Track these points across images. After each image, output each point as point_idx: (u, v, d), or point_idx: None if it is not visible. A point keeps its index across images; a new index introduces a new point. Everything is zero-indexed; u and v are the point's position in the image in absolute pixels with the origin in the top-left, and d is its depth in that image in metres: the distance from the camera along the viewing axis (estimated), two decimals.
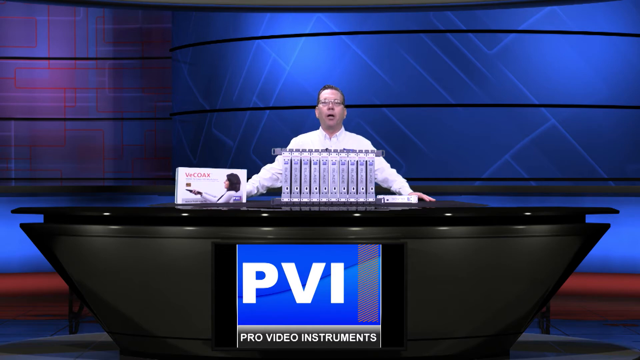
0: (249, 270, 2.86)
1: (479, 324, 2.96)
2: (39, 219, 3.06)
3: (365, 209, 3.07)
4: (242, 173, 3.41)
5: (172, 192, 3.38)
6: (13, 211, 3.08)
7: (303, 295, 2.85)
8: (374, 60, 6.77)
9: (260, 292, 2.86)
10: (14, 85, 8.43)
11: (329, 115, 3.82)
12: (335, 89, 3.89)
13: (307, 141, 3.92)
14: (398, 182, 3.87)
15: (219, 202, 3.34)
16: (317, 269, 2.86)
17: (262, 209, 2.98)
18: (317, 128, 3.97)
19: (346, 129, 3.96)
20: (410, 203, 3.42)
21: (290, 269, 2.86)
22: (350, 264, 2.87)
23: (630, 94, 6.69)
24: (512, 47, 6.66)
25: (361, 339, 2.84)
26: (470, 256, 2.92)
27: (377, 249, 2.87)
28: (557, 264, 3.02)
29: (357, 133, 4.00)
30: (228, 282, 2.86)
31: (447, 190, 6.05)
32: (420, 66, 6.69)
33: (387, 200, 3.42)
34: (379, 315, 2.86)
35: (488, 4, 6.17)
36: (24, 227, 3.04)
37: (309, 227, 2.92)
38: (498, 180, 6.63)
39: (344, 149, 3.43)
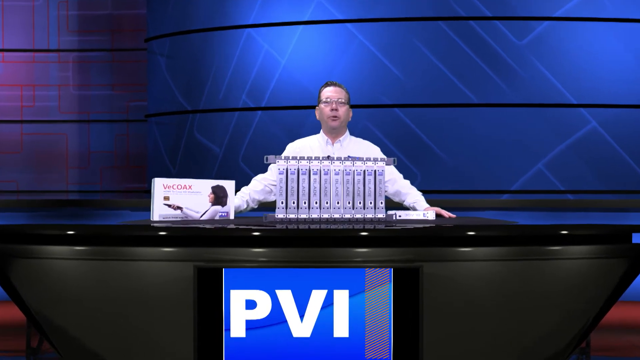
0: (237, 298, 2.87)
1: None
2: None
3: (374, 226, 3.08)
4: (229, 185, 3.43)
5: (147, 207, 3.39)
6: None
7: (301, 328, 2.86)
8: (384, 52, 6.80)
9: (250, 325, 2.86)
10: None
11: (332, 116, 3.84)
12: (339, 86, 3.92)
13: (306, 147, 3.94)
14: (412, 195, 3.89)
15: (202, 218, 3.35)
16: (317, 297, 2.87)
17: (252, 227, 2.99)
18: (318, 132, 3.99)
19: (351, 133, 3.99)
20: (427, 220, 3.43)
21: (286, 297, 2.87)
22: (357, 292, 2.88)
23: None
24: (545, 37, 6.69)
25: None
26: (496, 282, 2.93)
27: (387, 273, 2.88)
28: (598, 291, 3.03)
29: (365, 138, 4.03)
30: (213, 312, 2.86)
31: (469, 205, 6.07)
32: (439, 59, 6.72)
33: (400, 216, 3.44)
34: (390, 352, 2.86)
35: None
36: None
37: (307, 248, 2.92)
38: (529, 193, 6.65)
39: (349, 156, 3.45)
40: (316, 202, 3.29)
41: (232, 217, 3.44)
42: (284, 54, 7.00)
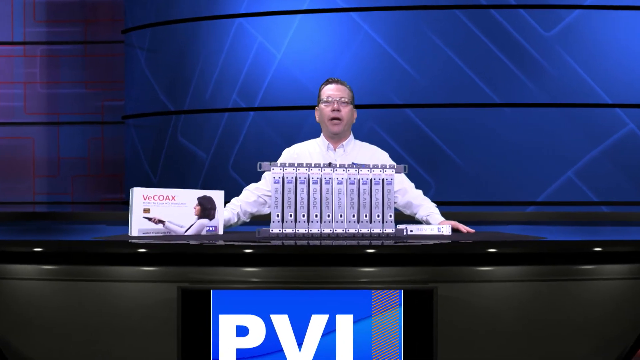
0: (227, 324, 2.87)
1: None
2: None
3: (382, 243, 3.09)
4: (217, 195, 3.44)
5: (125, 221, 3.40)
6: None
7: (299, 357, 2.86)
8: (393, 45, 6.82)
9: (242, 354, 2.86)
10: None
11: (334, 118, 3.86)
12: (342, 83, 3.93)
13: (305, 153, 3.95)
14: (425, 207, 3.90)
15: (187, 233, 3.36)
16: (317, 322, 2.87)
17: (244, 243, 3.00)
18: (318, 135, 4.00)
19: (356, 137, 4.00)
20: (442, 235, 3.44)
21: (281, 322, 2.87)
22: (362, 316, 2.88)
23: None
24: (576, 28, 6.70)
25: None
26: (520, 306, 2.93)
27: (397, 296, 2.88)
28: (637, 316, 3.03)
29: (371, 142, 4.04)
30: (199, 339, 2.87)
31: (490, 218, 6.07)
32: (455, 53, 6.74)
33: (411, 231, 3.44)
34: None
35: None
36: None
37: (306, 268, 2.93)
38: (558, 205, 6.65)
39: (353, 163, 3.45)
40: (316, 215, 3.29)
41: (220, 231, 3.44)
42: (280, 47, 7.02)
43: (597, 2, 6.67)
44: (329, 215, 3.30)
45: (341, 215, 3.31)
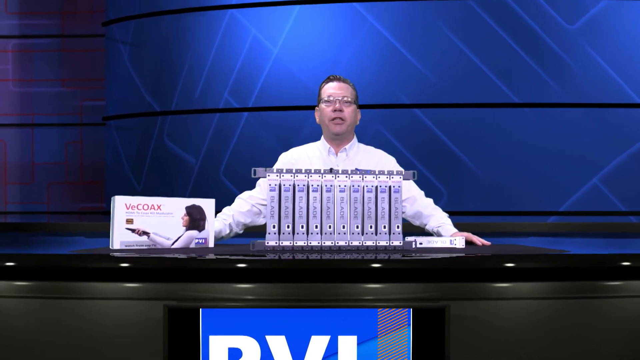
0: (218, 346, 2.87)
1: None
2: None
3: (389, 257, 3.09)
4: (208, 204, 3.44)
5: (106, 233, 3.40)
6: None
7: None
8: (401, 39, 6.83)
9: None
10: None
11: (336, 119, 3.87)
12: (345, 81, 3.94)
13: (304, 158, 3.96)
14: (436, 217, 3.90)
15: (174, 246, 3.37)
16: (318, 344, 2.87)
17: (237, 257, 3.00)
18: (318, 138, 4.01)
19: (360, 140, 4.01)
20: (454, 248, 3.44)
21: (278, 344, 2.87)
22: (367, 338, 2.88)
23: None
24: (603, 21, 6.71)
25: None
26: (541, 326, 2.93)
27: (406, 315, 2.88)
28: None
29: (377, 146, 4.05)
30: None
31: (507, 230, 6.08)
32: (469, 48, 6.75)
33: (421, 244, 3.45)
34: None
35: None
36: None
37: (305, 284, 2.93)
38: (582, 215, 6.65)
39: (357, 169, 3.46)
40: (316, 227, 3.30)
41: (211, 244, 3.45)
42: (276, 42, 7.03)
43: None
44: (330, 227, 3.31)
45: (344, 227, 3.32)
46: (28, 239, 6.52)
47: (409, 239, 3.40)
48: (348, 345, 2.87)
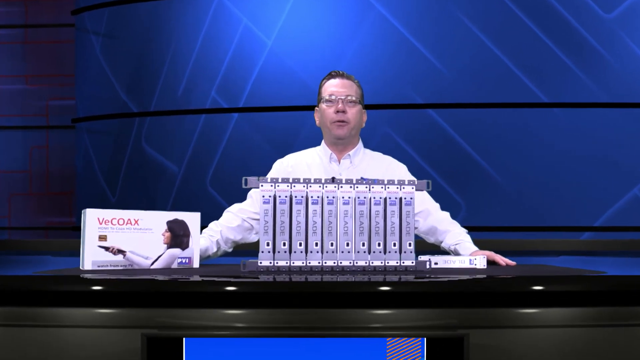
0: None
1: None
2: None
3: (399, 278, 3.10)
4: (192, 219, 3.45)
5: (76, 251, 3.41)
6: None
7: None
8: (413, 30, 6.84)
9: None
10: None
11: (338, 121, 3.87)
12: (349, 78, 3.95)
13: (302, 165, 3.96)
14: (453, 233, 3.91)
15: (153, 267, 3.37)
16: None
17: (226, 279, 3.01)
18: (318, 143, 4.02)
19: (366, 145, 4.02)
20: (474, 269, 3.45)
21: None
22: None
23: None
24: None
25: None
26: (573, 357, 2.94)
27: (419, 345, 2.89)
28: None
29: (386, 151, 4.06)
30: None
31: (535, 248, 6.08)
32: (492, 40, 6.76)
33: (436, 264, 3.45)
34: None
35: None
36: None
37: (304, 310, 2.93)
38: (620, 231, 6.65)
39: (363, 178, 3.47)
40: (316, 244, 3.31)
41: (196, 264, 3.46)
42: (271, 33, 7.05)
43: None
44: (332, 244, 3.32)
45: (348, 244, 3.32)
46: None
47: (422, 258, 3.40)
48: None
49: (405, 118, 6.83)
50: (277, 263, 3.30)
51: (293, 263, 3.30)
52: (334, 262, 3.32)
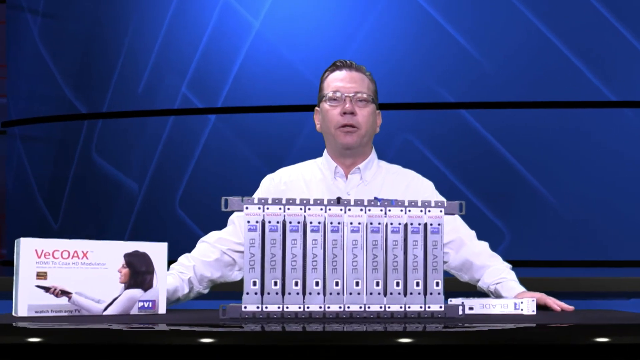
0: None
1: None
2: None
3: (424, 328, 3.11)
4: (157, 251, 3.46)
5: (7, 293, 3.42)
6: None
7: None
8: (443, 10, 6.87)
9: None
10: None
11: (346, 127, 3.88)
12: (359, 69, 3.97)
13: (298, 181, 3.98)
14: (494, 270, 3.92)
15: (107, 313, 3.38)
16: None
17: (200, 329, 3.01)
18: (319, 154, 4.03)
19: (382, 157, 4.03)
20: (521, 315, 3.45)
21: None
22: None
23: None
24: None
25: None
26: None
27: None
28: None
29: (406, 164, 4.07)
30: None
31: (599, 288, 6.09)
32: (545, 24, 6.78)
33: (471, 309, 3.46)
34: None
35: None
36: None
37: None
38: None
39: (376, 198, 3.48)
40: (317, 283, 3.31)
41: (162, 309, 3.46)
42: (258, 11, 7.07)
43: None
44: (337, 284, 3.32)
45: (358, 284, 3.33)
46: None
47: (453, 301, 3.41)
48: None
49: (431, 121, 6.84)
50: (266, 308, 3.30)
51: (287, 308, 3.31)
52: (340, 307, 3.32)
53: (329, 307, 3.31)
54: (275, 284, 3.30)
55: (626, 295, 6.02)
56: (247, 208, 3.29)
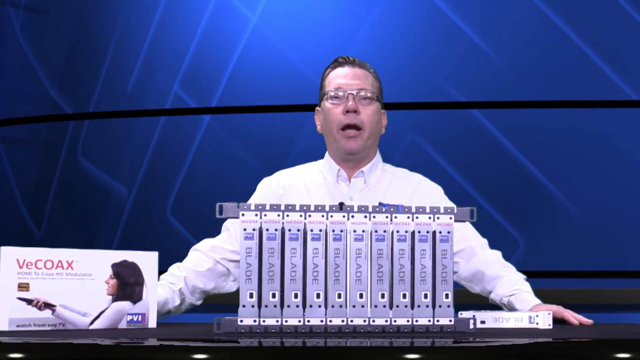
0: None
1: None
2: None
3: (433, 342, 3.10)
4: (147, 261, 3.45)
5: None
6: None
7: None
8: (450, 1, 6.86)
9: None
10: None
11: (349, 128, 3.88)
12: (362, 66, 3.97)
13: (298, 186, 3.97)
14: (507, 280, 3.91)
15: (93, 327, 3.37)
16: None
17: (194, 344, 3.01)
18: (320, 156, 4.02)
19: (387, 160, 4.02)
20: (537, 329, 3.45)
21: None
22: None
23: None
24: None
25: None
26: None
27: None
28: None
29: (414, 167, 4.06)
30: None
31: (619, 300, 6.09)
32: (563, 19, 6.78)
33: (483, 322, 3.45)
34: None
35: None
36: None
37: None
38: None
39: (381, 203, 3.47)
40: (318, 296, 3.31)
41: (152, 323, 3.46)
42: (255, 6, 7.08)
43: None
44: (340, 296, 3.32)
45: (361, 296, 3.32)
46: None
47: (464, 314, 3.40)
48: None
49: (440, 122, 6.83)
50: (264, 322, 3.30)
51: (286, 321, 3.30)
52: (343, 321, 3.31)
53: (330, 321, 3.30)
54: (274, 296, 3.29)
55: None
56: (243, 215, 3.28)
